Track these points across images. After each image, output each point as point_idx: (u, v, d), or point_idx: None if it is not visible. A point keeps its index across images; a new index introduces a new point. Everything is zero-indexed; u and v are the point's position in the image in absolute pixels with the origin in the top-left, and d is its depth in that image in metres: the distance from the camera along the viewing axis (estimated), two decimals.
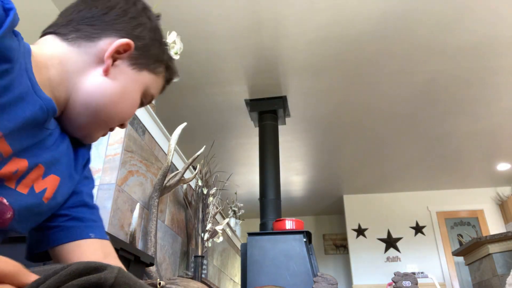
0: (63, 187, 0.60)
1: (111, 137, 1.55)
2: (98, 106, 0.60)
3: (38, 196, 0.55)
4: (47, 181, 0.56)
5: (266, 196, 3.65)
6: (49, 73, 0.56)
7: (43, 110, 0.51)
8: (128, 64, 0.62)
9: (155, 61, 0.66)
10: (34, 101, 0.50)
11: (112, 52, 0.59)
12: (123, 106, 0.63)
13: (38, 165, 0.54)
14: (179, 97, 3.94)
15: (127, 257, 1.19)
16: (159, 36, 0.68)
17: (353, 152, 5.14)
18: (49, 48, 0.58)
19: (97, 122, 0.62)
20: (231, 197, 4.23)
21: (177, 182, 1.87)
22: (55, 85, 0.57)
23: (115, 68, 0.61)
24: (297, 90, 3.85)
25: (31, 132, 0.51)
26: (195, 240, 2.18)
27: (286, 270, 2.79)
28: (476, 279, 3.50)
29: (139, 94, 0.65)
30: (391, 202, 6.53)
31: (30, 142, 0.52)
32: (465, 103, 4.04)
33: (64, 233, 0.62)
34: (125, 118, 0.66)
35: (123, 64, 0.62)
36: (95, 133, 0.65)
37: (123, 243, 1.16)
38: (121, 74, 0.61)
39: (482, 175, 5.84)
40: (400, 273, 2.80)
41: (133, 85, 0.63)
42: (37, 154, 0.54)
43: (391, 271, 5.78)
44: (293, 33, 3.13)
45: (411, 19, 2.99)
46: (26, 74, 0.49)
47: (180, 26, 2.97)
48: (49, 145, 0.56)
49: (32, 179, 0.54)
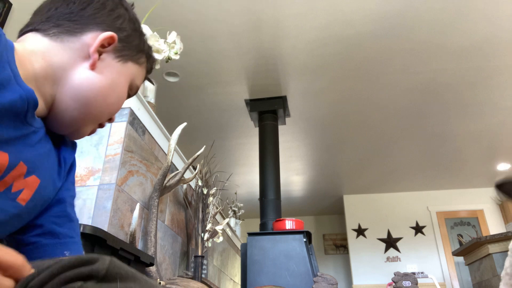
0: (44, 191, 0.58)
1: (111, 137, 1.55)
2: (88, 99, 0.59)
3: (12, 196, 0.53)
4: (28, 182, 0.55)
5: (266, 196, 3.65)
6: (34, 68, 0.55)
7: (23, 99, 0.49)
8: (113, 57, 0.62)
9: (137, 52, 0.66)
10: (14, 90, 0.48)
11: (98, 46, 0.59)
12: (112, 99, 0.63)
13: (20, 162, 0.52)
14: (179, 97, 3.94)
15: (127, 257, 1.19)
16: (138, 26, 0.68)
17: (353, 152, 5.14)
18: (31, 43, 0.57)
19: (87, 117, 0.61)
20: (231, 197, 4.23)
21: (177, 182, 1.87)
22: (40, 79, 0.56)
23: (101, 62, 0.60)
24: (297, 90, 3.85)
25: (12, 123, 0.50)
26: (195, 240, 2.18)
27: (286, 270, 2.79)
28: (476, 279, 3.50)
29: (126, 86, 0.65)
30: (391, 202, 6.53)
31: (12, 134, 0.50)
32: (465, 103, 4.04)
33: (39, 252, 0.60)
34: (114, 111, 0.65)
35: (108, 58, 0.61)
36: (84, 129, 0.63)
37: (123, 243, 1.16)
38: (108, 67, 0.61)
39: (482, 175, 5.84)
40: (400, 273, 2.80)
41: (120, 77, 0.63)
42: (20, 150, 0.52)
43: (391, 271, 5.79)
44: (293, 33, 3.13)
45: (411, 18, 2.99)
46: (8, 65, 0.48)
47: (180, 26, 2.97)
48: (33, 143, 0.55)
49: (13, 177, 0.51)
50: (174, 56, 1.86)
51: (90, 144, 1.54)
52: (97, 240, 0.98)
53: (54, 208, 0.63)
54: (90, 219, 1.37)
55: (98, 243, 0.98)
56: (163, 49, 1.80)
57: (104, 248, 1.01)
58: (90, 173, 1.47)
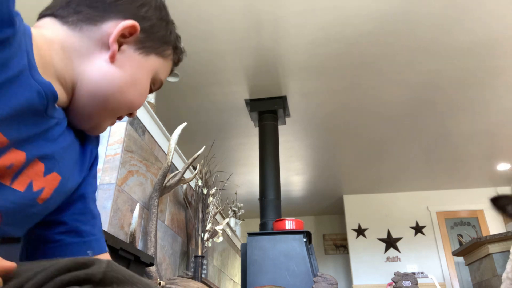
0: (64, 187, 0.56)
1: (111, 137, 1.55)
2: (106, 96, 0.56)
3: (34, 195, 0.50)
4: (48, 180, 0.52)
5: (266, 196, 3.65)
6: (52, 59, 0.52)
7: (41, 95, 0.46)
8: (134, 49, 0.58)
9: (162, 43, 0.61)
10: (30, 85, 0.45)
11: (117, 36, 0.55)
12: (133, 95, 0.59)
13: (36, 159, 0.49)
14: (179, 97, 3.94)
15: (127, 257, 1.19)
16: (165, 15, 0.63)
17: (353, 152, 5.14)
18: (49, 31, 0.53)
19: (105, 112, 0.58)
20: (231, 197, 4.23)
21: (177, 182, 1.87)
22: (60, 71, 0.52)
23: (121, 54, 0.56)
24: (297, 90, 3.85)
25: (32, 120, 0.46)
26: (195, 240, 2.18)
27: (286, 270, 2.79)
28: (476, 279, 3.50)
29: (148, 81, 0.61)
30: (391, 202, 6.53)
31: (32, 132, 0.47)
32: (465, 103, 4.04)
33: (63, 250, 0.58)
34: (135, 107, 0.61)
35: (129, 49, 0.57)
36: (103, 124, 0.60)
37: (123, 243, 1.16)
38: (128, 60, 0.57)
39: (482, 175, 5.84)
40: (400, 273, 2.80)
41: (142, 71, 0.59)
42: (39, 146, 0.49)
43: (391, 271, 5.79)
44: (293, 33, 3.13)
45: (413, 17, 2.99)
46: (26, 56, 0.44)
47: (180, 26, 2.95)
48: (55, 136, 0.52)
49: (30, 176, 0.49)
50: None
51: None
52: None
53: (78, 204, 0.61)
54: None
55: None
56: None
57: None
58: None
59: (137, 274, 0.42)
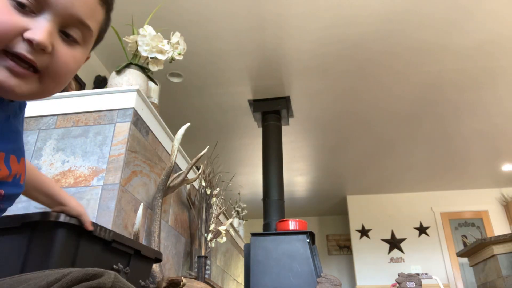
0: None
1: (115, 138, 1.56)
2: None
3: (17, 182, 0.58)
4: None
5: (270, 196, 3.64)
6: None
7: None
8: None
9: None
10: None
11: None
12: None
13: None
14: (183, 97, 3.95)
15: (127, 251, 1.18)
16: None
17: (357, 152, 5.13)
18: None
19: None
20: (235, 198, 4.23)
21: (180, 183, 1.87)
22: None
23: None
24: (300, 90, 3.85)
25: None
26: (199, 240, 2.18)
27: (290, 271, 2.79)
28: (481, 281, 3.48)
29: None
30: (394, 202, 6.51)
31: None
32: (470, 104, 4.02)
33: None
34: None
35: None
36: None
37: (129, 240, 1.15)
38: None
39: (486, 176, 5.81)
40: (404, 274, 2.79)
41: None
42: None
43: (395, 272, 5.77)
44: (297, 33, 3.13)
45: (416, 18, 2.98)
46: None
47: (184, 26, 2.97)
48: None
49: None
50: (178, 57, 1.87)
51: (94, 144, 1.54)
52: (84, 231, 0.97)
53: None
54: (94, 219, 1.38)
55: (86, 234, 0.97)
56: (167, 49, 1.80)
57: (94, 240, 1.00)
58: (94, 173, 1.47)
59: (143, 271, 0.45)
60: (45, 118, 1.63)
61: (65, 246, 0.79)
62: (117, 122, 1.57)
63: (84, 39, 0.53)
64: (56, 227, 0.79)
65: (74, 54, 0.52)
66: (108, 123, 1.58)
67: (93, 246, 0.89)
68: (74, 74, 0.56)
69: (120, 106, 1.60)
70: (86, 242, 0.86)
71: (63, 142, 1.56)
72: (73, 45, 0.52)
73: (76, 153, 1.53)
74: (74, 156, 1.52)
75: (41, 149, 1.54)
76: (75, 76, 2.99)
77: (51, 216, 0.78)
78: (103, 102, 1.62)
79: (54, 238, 0.78)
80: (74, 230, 0.82)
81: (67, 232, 0.80)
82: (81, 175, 1.47)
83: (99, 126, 1.58)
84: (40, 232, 0.79)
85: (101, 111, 1.60)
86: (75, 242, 0.82)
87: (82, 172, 1.48)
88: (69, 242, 0.80)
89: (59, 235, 0.78)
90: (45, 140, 1.57)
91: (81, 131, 1.57)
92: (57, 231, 0.78)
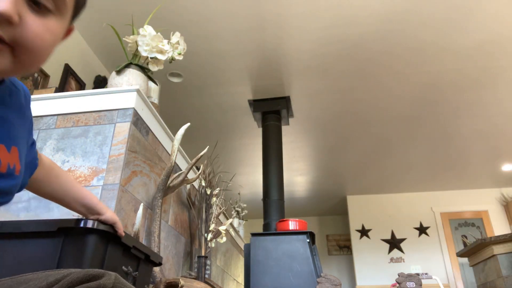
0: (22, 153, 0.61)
1: (115, 138, 1.56)
2: None
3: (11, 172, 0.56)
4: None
5: (270, 196, 3.64)
6: None
7: None
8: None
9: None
10: None
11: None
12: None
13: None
14: (183, 97, 3.95)
15: (138, 255, 1.18)
16: None
17: (357, 152, 5.13)
18: None
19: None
20: (235, 198, 4.24)
21: (180, 183, 1.87)
22: None
23: None
24: (300, 90, 3.85)
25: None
26: (199, 240, 2.18)
27: (290, 271, 2.79)
28: (481, 281, 3.48)
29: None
30: (395, 202, 6.51)
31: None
32: (470, 104, 4.02)
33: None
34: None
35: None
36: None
37: (136, 241, 1.15)
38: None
39: (486, 176, 5.81)
40: (404, 274, 2.79)
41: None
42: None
43: (395, 272, 5.77)
44: (297, 33, 3.13)
45: (416, 18, 2.98)
46: None
47: (184, 26, 2.97)
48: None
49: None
50: (178, 57, 1.87)
51: (94, 144, 1.54)
52: (111, 236, 0.98)
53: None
54: None
55: (113, 239, 0.98)
56: (167, 49, 1.80)
57: (118, 245, 1.01)
58: (94, 173, 1.48)
59: (148, 275, 0.46)
60: (45, 118, 1.63)
61: (96, 249, 0.89)
62: (117, 122, 1.57)
63: (57, 6, 0.48)
64: (90, 233, 0.89)
65: (47, 24, 0.47)
66: (108, 123, 1.58)
67: (117, 251, 0.96)
68: (54, 47, 0.50)
69: (120, 106, 1.60)
70: (112, 247, 0.94)
71: (63, 142, 1.56)
72: (45, 14, 0.47)
73: (76, 153, 1.53)
74: (74, 156, 1.52)
75: (41, 149, 1.54)
76: (75, 76, 2.98)
77: (87, 223, 0.88)
78: (103, 102, 1.62)
79: (87, 242, 0.88)
80: (104, 235, 0.92)
81: (99, 237, 0.90)
82: (81, 175, 1.47)
83: (99, 126, 1.58)
84: (74, 237, 0.88)
85: (101, 111, 1.60)
86: (105, 246, 0.92)
87: (82, 172, 1.48)
88: (99, 246, 0.90)
89: (91, 239, 0.89)
90: (45, 140, 1.57)
91: (81, 131, 1.57)
92: (90, 236, 0.89)
